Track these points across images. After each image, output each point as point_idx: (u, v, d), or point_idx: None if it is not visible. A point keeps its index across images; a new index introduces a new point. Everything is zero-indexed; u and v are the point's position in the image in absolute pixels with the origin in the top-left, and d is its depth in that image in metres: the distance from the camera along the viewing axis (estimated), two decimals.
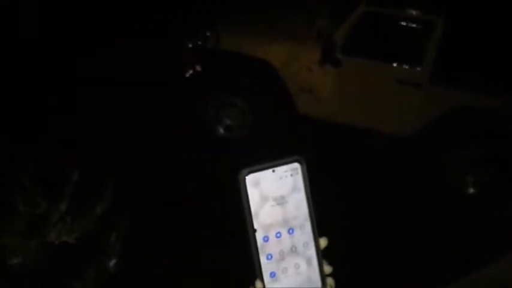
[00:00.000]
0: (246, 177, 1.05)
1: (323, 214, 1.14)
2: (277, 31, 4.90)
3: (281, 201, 1.06)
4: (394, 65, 4.53)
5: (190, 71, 5.01)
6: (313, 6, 5.19)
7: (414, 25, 4.38)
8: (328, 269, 1.10)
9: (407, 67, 4.50)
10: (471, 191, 4.65)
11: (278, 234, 1.06)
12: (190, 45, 5.02)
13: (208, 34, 5.02)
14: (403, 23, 4.40)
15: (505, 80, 4.20)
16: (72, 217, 3.70)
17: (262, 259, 1.06)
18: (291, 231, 1.07)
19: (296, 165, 1.07)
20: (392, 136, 4.75)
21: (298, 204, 1.07)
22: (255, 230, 1.05)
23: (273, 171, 1.06)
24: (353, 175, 4.78)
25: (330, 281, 1.10)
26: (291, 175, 1.07)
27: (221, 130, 5.19)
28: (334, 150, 5.05)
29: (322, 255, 1.09)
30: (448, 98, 4.43)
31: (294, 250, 1.07)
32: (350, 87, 4.71)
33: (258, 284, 1.06)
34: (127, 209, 4.05)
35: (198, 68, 4.95)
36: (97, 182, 3.96)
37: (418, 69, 4.45)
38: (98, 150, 4.71)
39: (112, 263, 3.97)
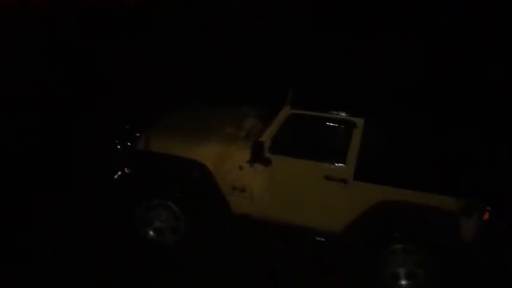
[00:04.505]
0: None
1: None
2: (207, 131, 5.00)
3: None
4: (320, 162, 4.72)
5: (119, 173, 4.89)
6: (242, 107, 5.41)
7: (337, 125, 4.64)
8: None
9: (333, 164, 4.70)
10: (403, 282, 4.77)
11: None
12: (119, 147, 4.95)
13: (137, 135, 4.99)
14: (327, 123, 4.65)
15: (425, 175, 4.50)
16: None
17: None
18: None
19: None
20: (327, 232, 4.83)
21: None
22: None
23: None
24: None
25: None
26: None
27: (151, 233, 4.99)
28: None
29: None
30: (373, 193, 4.61)
31: None
32: (281, 186, 4.80)
33: None
34: None
35: (127, 170, 4.85)
36: None
37: (342, 165, 4.65)
38: None
39: None
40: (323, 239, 4.87)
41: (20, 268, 4.71)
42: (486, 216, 4.46)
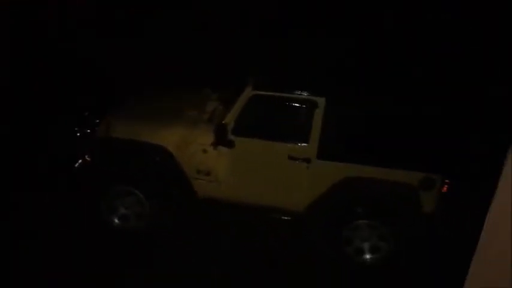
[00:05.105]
0: None
1: None
2: (169, 115, 4.93)
3: None
4: (284, 142, 4.73)
5: (80, 161, 4.78)
6: (204, 91, 5.36)
7: (299, 105, 4.65)
8: None
9: (296, 144, 4.72)
10: (368, 256, 4.89)
11: None
12: (78, 134, 4.83)
13: (97, 121, 4.88)
14: (289, 104, 4.66)
15: (386, 152, 4.58)
16: None
17: None
18: None
19: None
20: (292, 212, 4.88)
21: None
22: None
23: None
24: None
25: None
26: None
27: (116, 220, 4.93)
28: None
29: None
30: (336, 171, 4.67)
31: None
32: (245, 167, 4.80)
33: None
34: None
35: (88, 158, 4.74)
36: None
37: (305, 145, 4.69)
38: None
39: None
40: (289, 218, 4.93)
41: (20, 268, 4.64)
42: (445, 189, 4.60)
